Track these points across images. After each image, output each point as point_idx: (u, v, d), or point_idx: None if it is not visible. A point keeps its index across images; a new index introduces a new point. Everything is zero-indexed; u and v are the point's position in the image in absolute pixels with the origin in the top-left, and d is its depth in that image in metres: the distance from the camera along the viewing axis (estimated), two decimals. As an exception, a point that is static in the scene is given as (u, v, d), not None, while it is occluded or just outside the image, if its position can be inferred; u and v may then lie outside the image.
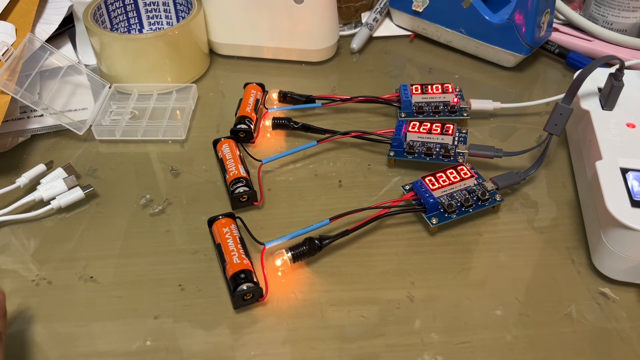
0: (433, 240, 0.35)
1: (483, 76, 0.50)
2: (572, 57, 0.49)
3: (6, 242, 0.36)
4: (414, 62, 0.52)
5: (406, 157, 0.39)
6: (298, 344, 0.30)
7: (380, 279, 0.33)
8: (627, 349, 0.29)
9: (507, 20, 0.47)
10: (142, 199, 0.38)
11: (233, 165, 0.38)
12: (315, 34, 0.49)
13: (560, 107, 0.37)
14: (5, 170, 0.41)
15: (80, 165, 0.41)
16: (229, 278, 0.31)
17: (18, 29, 0.45)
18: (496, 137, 0.43)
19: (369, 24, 0.54)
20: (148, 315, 0.31)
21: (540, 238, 0.35)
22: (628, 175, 0.32)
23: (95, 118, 0.44)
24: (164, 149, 0.43)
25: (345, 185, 0.39)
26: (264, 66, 0.51)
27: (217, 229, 0.34)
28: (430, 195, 0.35)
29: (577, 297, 0.32)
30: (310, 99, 0.45)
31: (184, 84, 0.48)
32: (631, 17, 0.51)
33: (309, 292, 0.32)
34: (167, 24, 0.53)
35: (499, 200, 0.36)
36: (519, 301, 0.32)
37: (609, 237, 0.31)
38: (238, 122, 0.42)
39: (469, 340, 0.30)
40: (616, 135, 0.36)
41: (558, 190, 0.39)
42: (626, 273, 0.32)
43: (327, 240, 0.34)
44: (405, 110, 0.44)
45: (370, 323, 0.31)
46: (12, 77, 0.40)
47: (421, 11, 0.52)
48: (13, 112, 0.43)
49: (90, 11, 0.47)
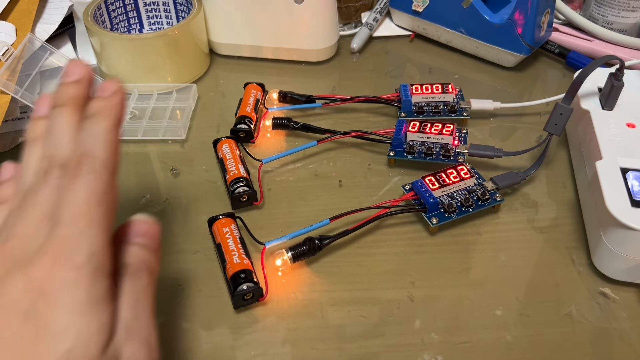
0: (433, 240, 0.35)
1: (483, 76, 0.50)
2: (572, 57, 0.49)
3: (6, 242, 0.36)
4: (414, 62, 0.52)
5: (406, 157, 0.39)
6: (298, 344, 0.30)
7: (380, 279, 0.33)
8: (627, 349, 0.29)
9: (507, 20, 0.47)
10: (142, 198, 0.38)
11: (233, 165, 0.38)
12: (315, 34, 0.49)
13: (561, 107, 0.37)
14: (5, 170, 0.41)
15: (80, 165, 0.41)
16: (229, 278, 0.31)
17: (18, 29, 0.45)
18: (496, 137, 0.43)
19: (369, 24, 0.54)
20: (148, 315, 0.31)
21: (540, 238, 0.35)
22: (628, 175, 0.32)
23: (95, 118, 0.44)
24: (164, 149, 0.43)
25: (345, 185, 0.39)
26: (264, 66, 0.51)
27: (217, 229, 0.34)
28: (431, 195, 0.35)
29: (577, 297, 0.32)
30: (310, 99, 0.45)
31: (184, 84, 0.48)
32: (631, 17, 0.51)
33: (309, 292, 0.32)
34: (167, 24, 0.53)
35: (499, 200, 0.36)
36: (519, 301, 0.32)
37: (609, 237, 0.31)
38: (238, 122, 0.42)
39: (469, 340, 0.30)
40: (616, 135, 0.36)
41: (558, 190, 0.39)
42: (626, 273, 0.32)
43: (327, 240, 0.34)
44: (405, 110, 0.44)
45: (370, 323, 0.31)
46: (12, 77, 0.40)
47: (421, 11, 0.52)
48: (13, 112, 0.43)
49: (90, 11, 0.47)
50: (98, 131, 0.23)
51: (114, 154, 0.23)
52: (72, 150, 0.23)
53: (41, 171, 0.23)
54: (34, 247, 0.20)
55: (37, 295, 0.19)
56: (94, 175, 0.22)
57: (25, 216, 0.21)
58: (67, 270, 0.20)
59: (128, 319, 0.21)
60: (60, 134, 0.23)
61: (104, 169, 0.22)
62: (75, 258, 0.20)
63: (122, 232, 0.24)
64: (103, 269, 0.21)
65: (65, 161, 0.22)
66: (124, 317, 0.21)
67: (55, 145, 0.23)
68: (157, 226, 0.25)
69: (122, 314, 0.21)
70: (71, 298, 0.19)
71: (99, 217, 0.21)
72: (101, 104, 0.24)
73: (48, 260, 0.20)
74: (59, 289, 0.19)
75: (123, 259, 0.23)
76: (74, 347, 0.19)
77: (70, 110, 0.24)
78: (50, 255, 0.20)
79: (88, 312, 0.19)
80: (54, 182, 0.22)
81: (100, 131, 0.23)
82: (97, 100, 0.24)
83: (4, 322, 0.19)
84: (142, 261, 0.23)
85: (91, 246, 0.20)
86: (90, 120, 0.23)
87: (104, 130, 0.23)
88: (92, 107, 0.24)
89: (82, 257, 0.20)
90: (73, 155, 0.22)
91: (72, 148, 0.23)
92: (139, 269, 0.23)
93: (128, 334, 0.21)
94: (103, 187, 0.22)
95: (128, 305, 0.21)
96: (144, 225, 0.24)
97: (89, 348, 0.19)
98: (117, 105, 0.24)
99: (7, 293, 0.19)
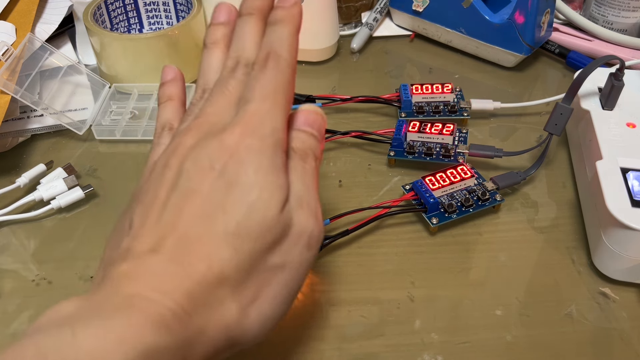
0: (433, 240, 0.35)
1: (483, 76, 0.50)
2: (572, 57, 0.49)
3: (6, 242, 0.36)
4: (414, 62, 0.52)
5: (406, 157, 0.39)
6: (298, 344, 0.30)
7: (380, 279, 0.33)
8: (627, 349, 0.29)
9: (507, 20, 0.47)
10: (142, 199, 0.38)
11: (233, 165, 0.38)
12: (315, 34, 0.49)
13: (561, 107, 0.37)
14: (5, 170, 0.41)
15: (80, 165, 0.41)
16: (229, 278, 0.31)
17: (18, 29, 0.45)
18: (496, 137, 0.43)
19: (369, 24, 0.54)
20: (148, 315, 0.31)
21: (540, 238, 0.35)
22: (628, 175, 0.32)
23: (95, 118, 0.44)
24: (164, 149, 0.43)
25: (345, 185, 0.39)
26: (264, 66, 0.51)
27: (217, 229, 0.34)
28: (431, 195, 0.35)
29: (577, 297, 0.32)
30: (310, 99, 0.45)
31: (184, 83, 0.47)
32: (631, 17, 0.51)
33: (309, 292, 0.32)
34: (167, 24, 0.53)
35: (499, 200, 0.36)
36: (519, 301, 0.32)
37: (610, 237, 0.31)
38: (238, 122, 0.42)
39: (469, 340, 0.30)
40: (616, 135, 0.36)
41: (558, 190, 0.39)
42: (626, 273, 0.32)
43: (327, 240, 0.34)
44: (406, 110, 0.44)
45: (370, 323, 0.31)
46: (12, 77, 0.40)
47: (421, 11, 0.52)
48: (13, 112, 0.43)
49: (90, 11, 0.47)
50: (282, 35, 0.26)
51: (294, 56, 0.26)
52: (259, 52, 0.26)
53: (228, 68, 0.26)
54: (225, 121, 0.24)
55: (228, 157, 0.22)
56: (280, 69, 0.25)
57: (214, 101, 0.25)
58: (254, 139, 0.23)
59: (299, 189, 0.24)
60: (248, 36, 0.27)
61: (288, 67, 0.25)
62: (262, 129, 0.23)
63: (293, 120, 0.26)
64: (282, 143, 0.24)
65: (253, 60, 0.26)
66: (295, 188, 0.24)
67: (243, 47, 0.27)
68: (323, 117, 0.27)
69: (294, 186, 0.24)
70: (257, 161, 0.22)
71: (281, 102, 0.24)
72: (284, 12, 0.26)
73: (239, 130, 0.23)
74: (247, 153, 0.22)
75: (293, 143, 0.25)
76: (258, 199, 0.22)
77: (256, 18, 0.27)
78: (240, 126, 0.23)
79: (270, 173, 0.23)
80: (241, 77, 0.26)
81: (284, 35, 0.26)
82: (279, 10, 0.27)
83: (202, 177, 0.22)
84: (310, 147, 0.26)
85: (275, 122, 0.24)
86: (274, 26, 0.26)
87: (287, 34, 0.26)
88: (274, 15, 0.27)
89: (267, 130, 0.23)
90: (260, 54, 0.25)
91: (258, 50, 0.26)
92: (306, 153, 0.25)
93: (299, 203, 0.23)
94: (286, 80, 0.25)
95: (299, 180, 0.24)
96: (312, 115, 0.27)
97: (270, 202, 0.22)
98: (297, 14, 0.27)
99: (203, 155, 0.23)
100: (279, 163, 0.23)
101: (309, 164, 0.25)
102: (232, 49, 0.27)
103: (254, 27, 0.27)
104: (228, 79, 0.26)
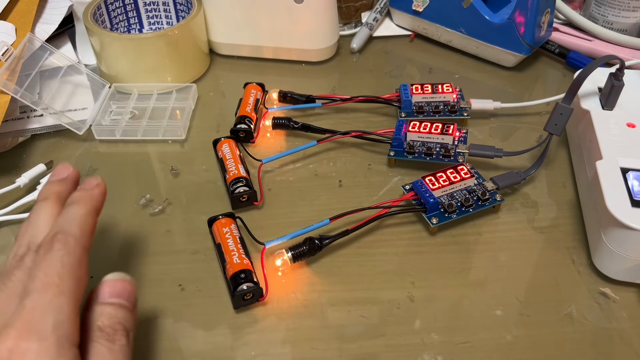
0: (433, 240, 0.35)
1: (483, 76, 0.50)
2: (572, 57, 0.49)
3: (6, 242, 0.36)
4: (414, 62, 0.52)
5: (406, 157, 0.39)
6: (298, 344, 0.30)
7: (380, 279, 0.33)
8: (627, 349, 0.29)
9: (507, 20, 0.47)
10: (142, 198, 0.38)
11: (233, 165, 0.38)
12: (315, 33, 0.49)
13: (561, 107, 0.37)
14: (5, 170, 0.41)
15: (80, 165, 0.41)
16: (229, 278, 0.31)
17: (18, 29, 0.45)
18: (496, 137, 0.43)
19: (369, 24, 0.54)
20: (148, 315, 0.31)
21: (540, 238, 0.35)
22: (628, 175, 0.32)
23: (95, 118, 0.44)
24: (164, 149, 0.43)
25: (345, 185, 0.39)
26: (264, 66, 0.51)
27: (217, 229, 0.34)
28: (431, 195, 0.35)
29: (577, 297, 0.32)
30: (310, 99, 0.45)
31: (184, 83, 0.48)
32: (631, 17, 0.51)
33: (309, 292, 0.32)
34: (167, 24, 0.53)
35: (499, 200, 0.36)
36: (519, 301, 0.32)
37: (610, 237, 0.31)
38: (238, 122, 0.42)
39: (469, 340, 0.30)
40: (616, 135, 0.36)
41: (558, 190, 0.39)
42: (626, 273, 0.32)
43: (327, 240, 0.34)
44: (406, 110, 0.44)
45: (370, 323, 0.31)
46: (12, 77, 0.40)
47: (421, 11, 0.52)
48: (13, 112, 0.43)
49: (90, 11, 0.47)
50: (74, 214, 0.25)
51: (87, 235, 0.24)
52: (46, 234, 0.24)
53: (17, 256, 0.24)
54: (2, 321, 0.21)
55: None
56: (66, 249, 0.23)
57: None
58: (31, 341, 0.20)
59: None
60: (41, 222, 0.25)
61: (77, 245, 0.23)
62: (42, 326, 0.20)
63: (96, 294, 0.24)
64: (70, 337, 0.21)
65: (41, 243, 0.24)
66: None
67: (35, 233, 0.25)
68: (132, 283, 0.25)
69: None
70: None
71: (68, 288, 0.22)
72: (82, 193, 0.26)
73: (14, 332, 0.20)
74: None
75: (99, 321, 0.23)
76: None
77: (52, 202, 0.26)
78: (17, 326, 0.20)
79: None
80: (29, 265, 0.23)
81: (76, 214, 0.25)
82: (78, 192, 0.26)
83: None
84: (118, 321, 0.23)
85: (58, 314, 0.21)
86: (68, 207, 0.25)
87: (80, 213, 0.25)
88: (72, 197, 0.26)
89: (48, 326, 0.20)
90: (47, 236, 0.24)
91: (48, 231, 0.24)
92: (114, 329, 0.23)
93: None
94: (74, 261, 0.23)
95: None
96: (119, 284, 0.25)
97: None
98: (96, 196, 0.26)
99: None
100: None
101: (118, 342, 0.23)
102: (23, 236, 0.25)
103: (48, 212, 0.26)
104: (12, 270, 0.23)
